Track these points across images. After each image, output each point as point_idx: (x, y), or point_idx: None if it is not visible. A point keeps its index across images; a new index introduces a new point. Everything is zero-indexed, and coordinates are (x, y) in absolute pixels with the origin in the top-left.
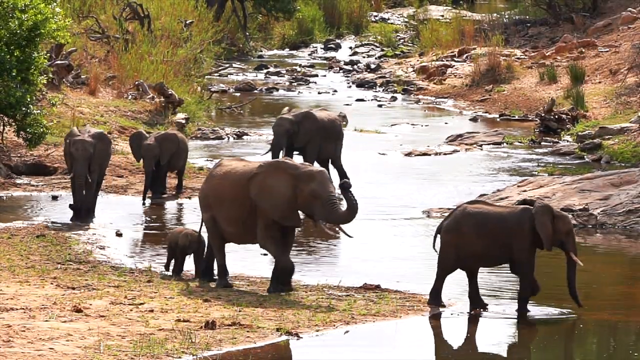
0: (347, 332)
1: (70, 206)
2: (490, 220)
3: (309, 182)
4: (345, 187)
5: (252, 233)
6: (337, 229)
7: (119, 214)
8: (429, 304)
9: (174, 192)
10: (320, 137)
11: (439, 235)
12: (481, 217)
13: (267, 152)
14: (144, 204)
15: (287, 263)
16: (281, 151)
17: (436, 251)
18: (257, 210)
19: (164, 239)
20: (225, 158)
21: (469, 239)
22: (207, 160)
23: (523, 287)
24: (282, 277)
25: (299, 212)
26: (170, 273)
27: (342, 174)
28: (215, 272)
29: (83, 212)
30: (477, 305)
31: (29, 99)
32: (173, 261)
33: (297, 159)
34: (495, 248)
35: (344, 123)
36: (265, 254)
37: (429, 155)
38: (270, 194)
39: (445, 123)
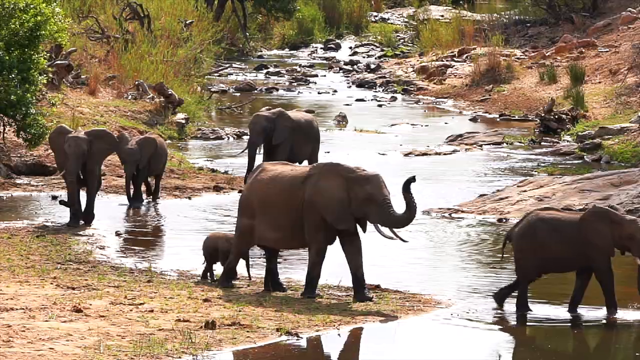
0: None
1: (61, 202)
2: (564, 226)
3: (364, 185)
4: (408, 187)
5: (298, 238)
6: (389, 232)
7: (119, 214)
8: (517, 312)
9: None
10: (296, 136)
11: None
12: (554, 222)
13: (243, 151)
14: (130, 207)
15: (317, 274)
16: (258, 149)
17: (502, 257)
18: (305, 211)
19: (202, 244)
20: (267, 162)
21: (543, 245)
22: (207, 160)
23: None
24: (312, 282)
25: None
26: (206, 280)
27: None
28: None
29: (81, 216)
30: (524, 309)
31: (29, 99)
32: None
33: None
34: (571, 255)
35: (343, 123)
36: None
37: (429, 155)
38: (324, 195)
39: (445, 123)
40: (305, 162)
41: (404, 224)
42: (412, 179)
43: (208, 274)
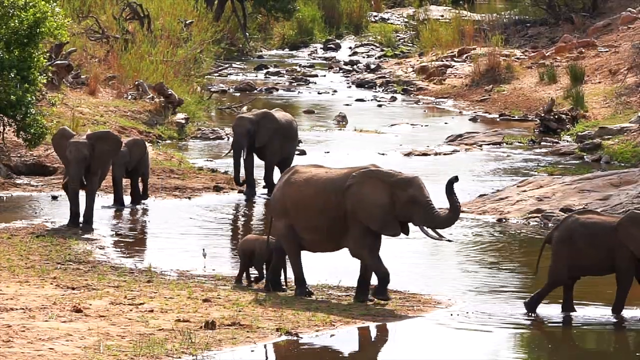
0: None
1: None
2: (603, 231)
3: (407, 188)
4: (451, 188)
5: (334, 241)
6: (433, 233)
7: (119, 214)
8: (527, 310)
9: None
10: (280, 137)
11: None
12: (593, 227)
13: (228, 153)
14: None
15: (386, 272)
16: (242, 151)
17: (538, 263)
18: (349, 219)
19: (237, 248)
20: (299, 164)
21: (581, 249)
22: (207, 160)
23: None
24: (380, 286)
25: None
26: (240, 283)
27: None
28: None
29: (83, 221)
30: (569, 310)
31: (29, 98)
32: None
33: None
34: (605, 258)
35: (343, 123)
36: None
37: (429, 155)
38: (368, 203)
39: (445, 123)
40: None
41: (448, 225)
42: (455, 179)
43: (244, 276)
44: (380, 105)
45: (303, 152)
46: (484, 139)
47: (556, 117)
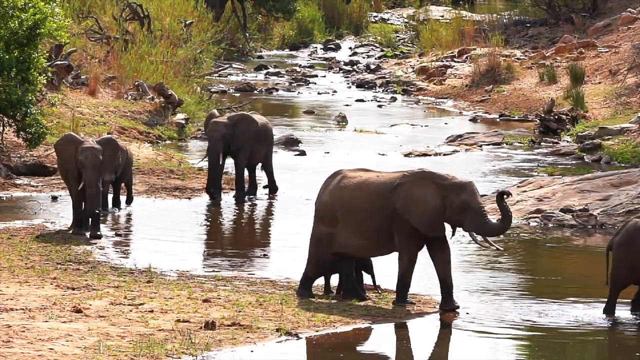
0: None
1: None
2: None
3: (460, 193)
4: (501, 196)
5: (384, 245)
6: (482, 240)
7: (118, 214)
8: (606, 316)
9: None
10: (255, 140)
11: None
12: None
13: (203, 159)
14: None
15: (409, 282)
16: (219, 156)
17: (607, 272)
18: (395, 220)
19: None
20: (345, 168)
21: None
22: (207, 160)
23: None
24: (404, 290)
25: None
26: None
27: (272, 180)
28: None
29: (91, 226)
30: (610, 314)
31: (29, 98)
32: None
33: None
34: None
35: (343, 124)
36: (266, 255)
37: (429, 155)
38: (418, 204)
39: (445, 123)
40: (260, 166)
41: (499, 234)
42: (507, 194)
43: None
44: (380, 106)
45: (303, 153)
46: (484, 140)
47: (556, 117)
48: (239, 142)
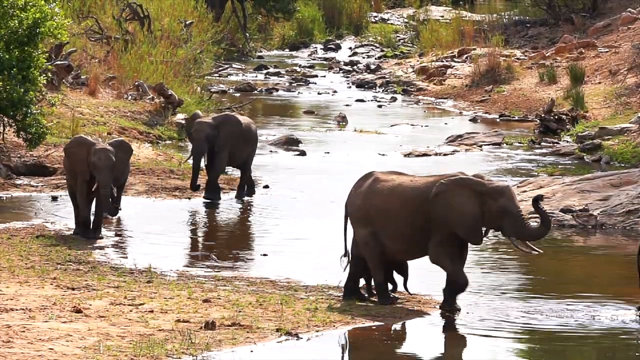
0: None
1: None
2: None
3: (498, 198)
4: (537, 201)
5: (421, 248)
6: (522, 244)
7: (118, 215)
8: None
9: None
10: (239, 141)
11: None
12: None
13: (188, 159)
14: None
15: (465, 280)
16: (203, 157)
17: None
18: (434, 226)
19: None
20: (377, 171)
21: None
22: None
23: None
24: (457, 293)
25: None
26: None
27: (250, 181)
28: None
29: (93, 228)
30: None
31: (30, 97)
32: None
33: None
34: None
35: (343, 124)
36: (265, 255)
37: (429, 155)
38: (457, 211)
39: (445, 123)
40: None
41: (539, 238)
42: (540, 197)
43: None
44: (380, 106)
45: (303, 153)
46: (484, 140)
47: (556, 117)
48: (222, 143)
